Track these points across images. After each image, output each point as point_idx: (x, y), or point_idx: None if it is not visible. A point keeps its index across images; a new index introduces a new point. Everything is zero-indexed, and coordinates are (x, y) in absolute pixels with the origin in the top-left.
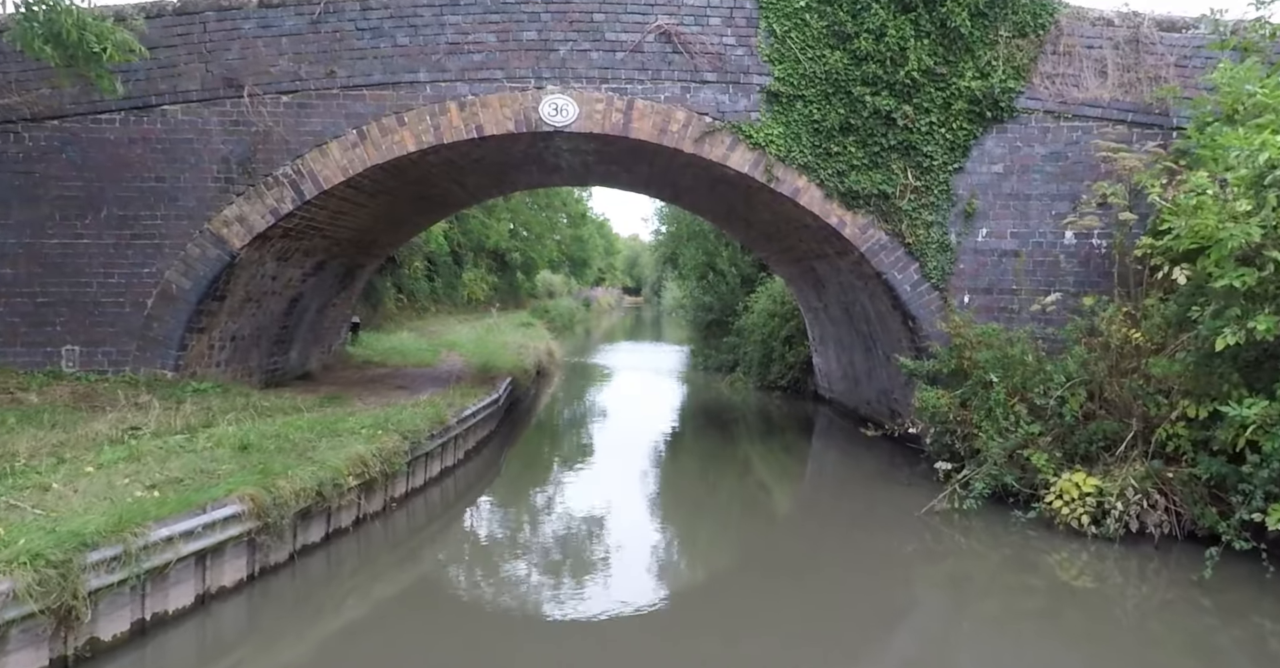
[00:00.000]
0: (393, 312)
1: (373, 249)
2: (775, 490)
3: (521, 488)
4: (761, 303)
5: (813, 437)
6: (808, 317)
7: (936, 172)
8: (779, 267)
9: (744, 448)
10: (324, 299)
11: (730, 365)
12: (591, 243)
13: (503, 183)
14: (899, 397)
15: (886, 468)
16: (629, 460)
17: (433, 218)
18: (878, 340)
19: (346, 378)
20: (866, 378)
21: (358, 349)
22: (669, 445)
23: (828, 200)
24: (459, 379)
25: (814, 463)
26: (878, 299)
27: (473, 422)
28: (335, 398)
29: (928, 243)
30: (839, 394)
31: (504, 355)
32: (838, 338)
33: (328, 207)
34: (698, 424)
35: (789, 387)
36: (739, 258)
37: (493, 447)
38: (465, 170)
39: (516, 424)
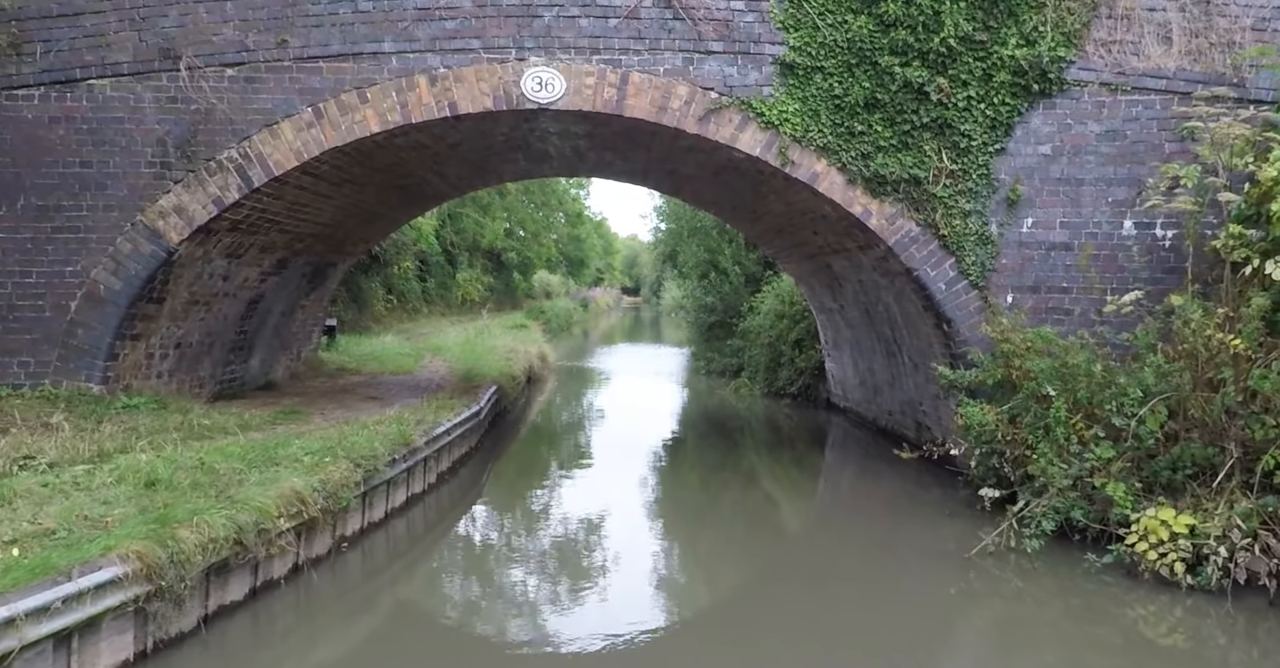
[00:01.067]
0: (381, 313)
1: (344, 246)
2: (787, 518)
3: (504, 513)
4: (768, 303)
5: (826, 449)
6: (820, 318)
7: (975, 153)
8: (789, 264)
9: (749, 459)
10: (290, 301)
11: (734, 370)
12: (589, 242)
13: (487, 173)
14: (928, 409)
15: (913, 488)
16: (624, 478)
17: (411, 212)
18: (903, 346)
19: (315, 388)
20: (889, 387)
21: (332, 355)
22: (668, 460)
23: (850, 187)
24: (439, 388)
25: (828, 483)
26: (905, 299)
27: (447, 440)
28: (293, 412)
29: (965, 235)
30: (855, 403)
31: (491, 361)
32: (855, 342)
33: (283, 196)
34: (700, 434)
35: (799, 394)
36: (743, 255)
37: (474, 465)
38: (442, 157)
39: (503, 437)
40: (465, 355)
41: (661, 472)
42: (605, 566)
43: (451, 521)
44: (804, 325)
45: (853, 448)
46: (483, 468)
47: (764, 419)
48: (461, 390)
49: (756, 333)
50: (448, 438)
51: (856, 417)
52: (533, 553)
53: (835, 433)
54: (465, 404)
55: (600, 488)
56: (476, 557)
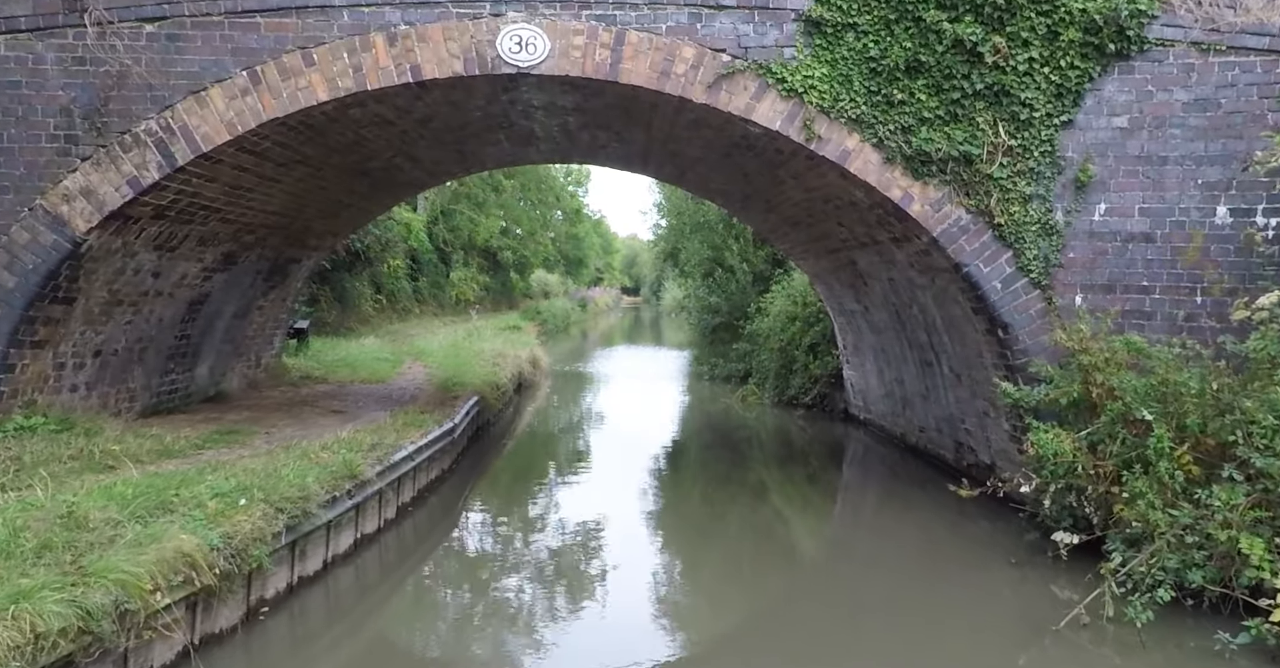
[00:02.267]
0: (369, 314)
1: (306, 240)
2: (803, 549)
3: (477, 553)
4: (778, 304)
5: (844, 465)
6: (839, 321)
7: (1038, 126)
8: (805, 261)
9: (757, 475)
10: (244, 301)
11: (741, 375)
12: (588, 241)
13: (466, 157)
14: (972, 428)
15: (954, 518)
16: (620, 502)
17: (383, 202)
18: (942, 354)
19: (272, 399)
20: (921, 400)
21: (300, 360)
22: (669, 481)
23: (888, 167)
24: (412, 399)
25: (847, 507)
26: (949, 301)
27: (411, 466)
28: (232, 432)
29: (1025, 224)
30: (878, 416)
31: (476, 367)
32: (880, 348)
33: (217, 178)
34: (704, 446)
35: (814, 404)
36: (750, 251)
37: (448, 491)
38: (411, 137)
39: (485, 455)
40: (448, 361)
41: (662, 495)
42: (598, 620)
43: (410, 567)
44: (819, 329)
45: (875, 466)
46: (459, 494)
47: (774, 431)
48: (437, 402)
49: (766, 336)
50: (411, 463)
51: (879, 431)
52: (510, 606)
53: (854, 448)
54: (438, 420)
55: (593, 515)
56: (438, 612)
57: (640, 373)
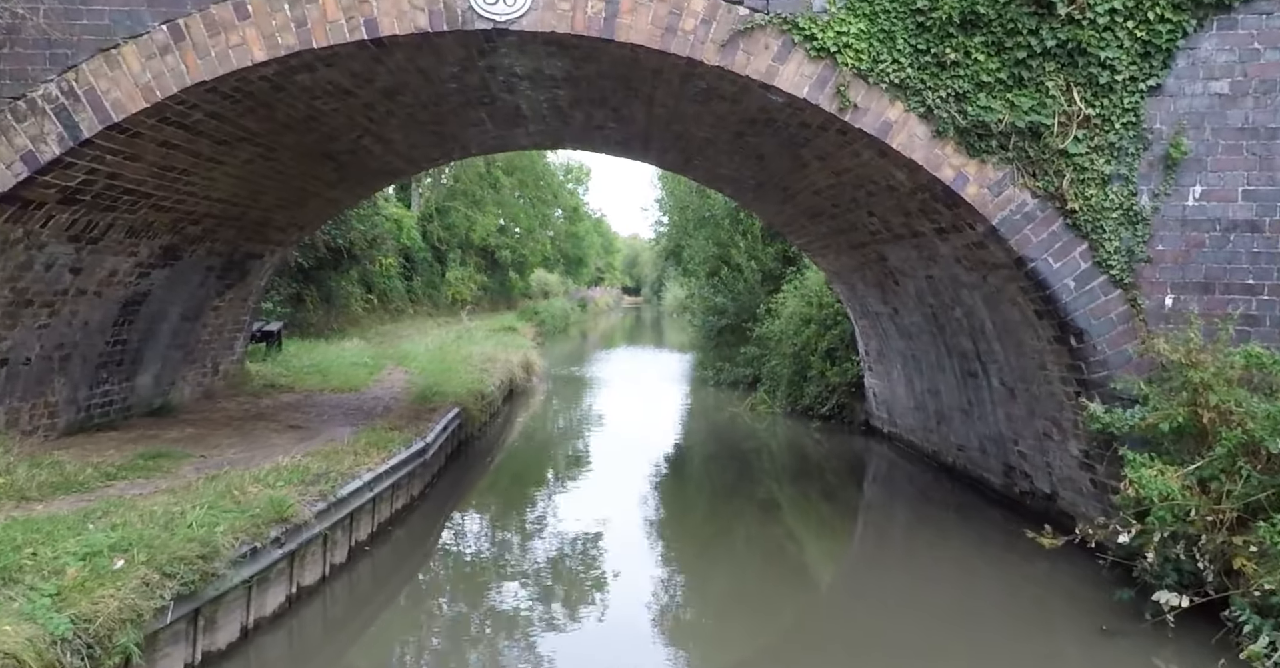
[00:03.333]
0: (358, 315)
1: (267, 233)
2: (818, 578)
3: (451, 597)
4: (791, 305)
5: (864, 483)
6: (860, 324)
7: (1119, 92)
8: (824, 257)
9: (767, 488)
10: (195, 302)
11: (749, 382)
12: (588, 240)
13: (445, 140)
14: (1028, 451)
15: (999, 554)
16: (617, 524)
17: (355, 191)
18: (992, 364)
19: (225, 412)
20: (962, 416)
21: (268, 367)
22: (672, 506)
23: (938, 142)
24: (385, 412)
25: (870, 531)
26: (1004, 302)
27: (367, 499)
28: (160, 456)
29: (1104, 210)
30: (906, 431)
31: (462, 373)
32: (910, 355)
33: (141, 156)
34: (708, 457)
35: (831, 415)
36: (759, 248)
37: (419, 520)
38: (377, 113)
39: (467, 474)
40: (432, 366)
41: (663, 524)
42: None
43: (361, 624)
44: (837, 333)
45: (902, 486)
46: (431, 526)
47: (787, 444)
48: (412, 415)
49: (777, 340)
50: (368, 495)
51: (907, 447)
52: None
53: (877, 464)
54: (406, 439)
55: (585, 542)
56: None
57: (641, 377)
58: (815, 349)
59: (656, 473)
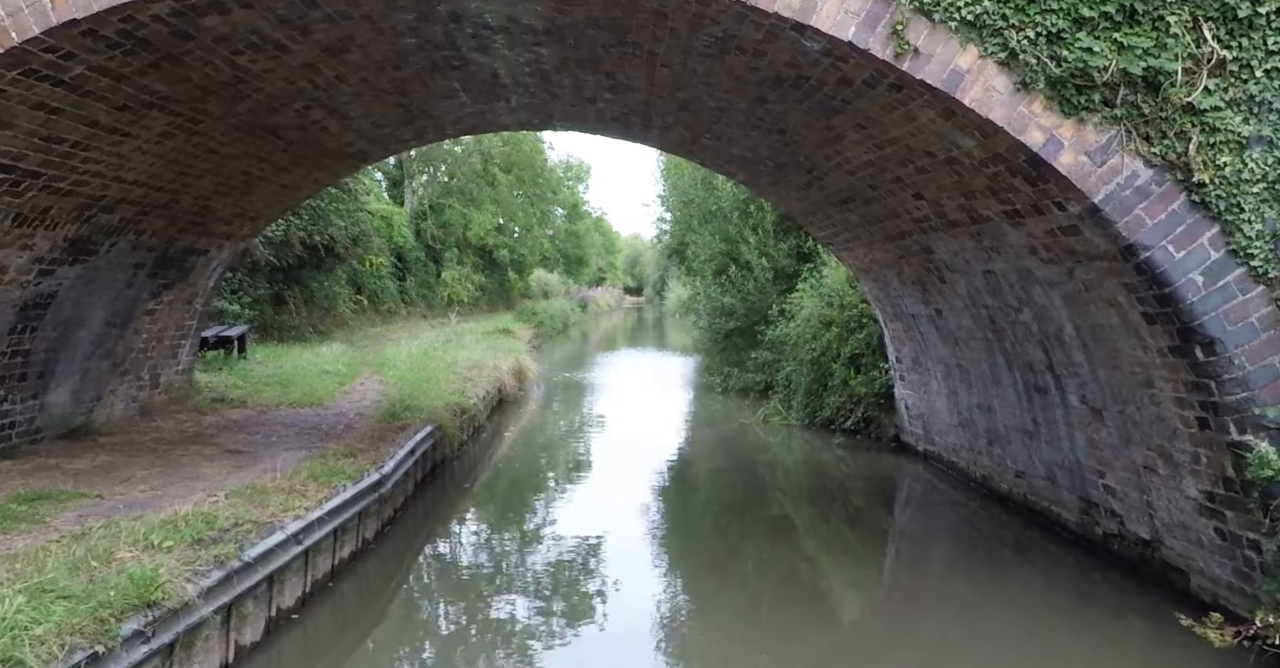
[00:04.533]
0: (346, 317)
1: (209, 224)
2: (839, 606)
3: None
4: (809, 306)
5: (895, 505)
6: (892, 327)
7: (1263, 29)
8: (852, 251)
9: (779, 507)
10: (122, 304)
11: (760, 389)
12: (588, 239)
13: (414, 115)
14: (1119, 486)
15: (1076, 607)
16: (611, 562)
17: (314, 177)
18: (1070, 377)
19: (157, 434)
20: (1024, 437)
21: (223, 377)
22: (677, 541)
23: (1022, 96)
24: (346, 431)
25: (903, 562)
26: (1096, 301)
27: (292, 555)
28: (40, 498)
29: (1243, 182)
30: (946, 450)
31: (443, 382)
32: (955, 364)
33: (12, 122)
34: (718, 484)
35: (856, 429)
36: (770, 244)
37: (371, 571)
38: (323, 75)
39: (438, 505)
40: (411, 375)
41: (665, 539)
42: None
43: None
44: (862, 337)
45: (943, 513)
46: (386, 577)
47: (804, 460)
48: (375, 436)
49: (794, 344)
50: (294, 550)
51: (947, 468)
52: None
53: (910, 487)
54: (354, 473)
55: (575, 583)
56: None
57: (642, 383)
58: (837, 355)
59: (657, 490)
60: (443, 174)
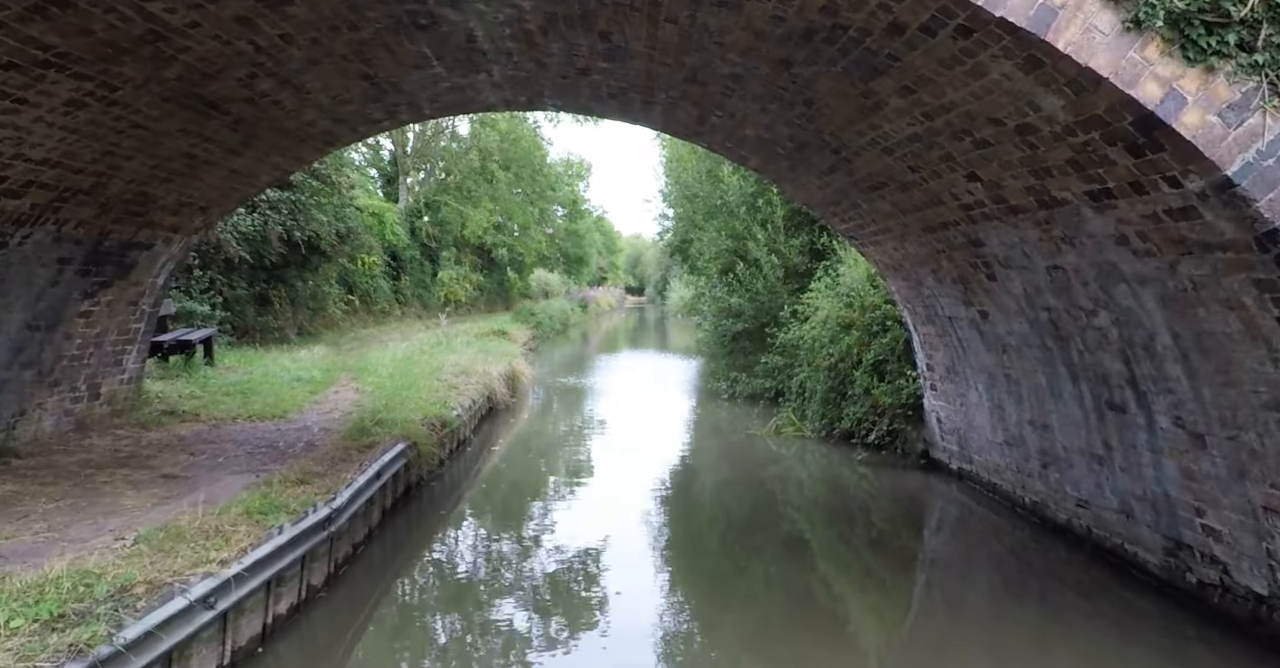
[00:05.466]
0: (336, 318)
1: (151, 213)
2: (858, 633)
3: None
4: (826, 307)
5: (924, 529)
6: (922, 331)
7: None
8: (880, 245)
9: (793, 527)
10: (48, 305)
11: (770, 396)
12: (589, 238)
13: (382, 88)
14: (1224, 528)
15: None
16: (606, 603)
17: (271, 160)
18: (1160, 394)
19: (85, 454)
20: (1091, 462)
21: (179, 386)
22: (674, 553)
23: (1133, 38)
24: (307, 449)
25: (935, 593)
26: (1208, 301)
27: (198, 625)
28: None
29: None
30: (987, 470)
31: (425, 391)
32: (1002, 373)
33: None
34: (720, 491)
35: (880, 443)
36: (781, 240)
37: (317, 627)
38: (265, 34)
39: (409, 536)
40: (392, 382)
41: (669, 581)
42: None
43: None
44: (886, 341)
45: (983, 540)
46: (337, 632)
47: (821, 476)
48: (337, 457)
49: (809, 349)
50: (203, 617)
51: (987, 490)
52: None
53: (942, 509)
54: (305, 503)
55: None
56: None
57: (643, 387)
58: (858, 362)
59: (658, 502)
60: (439, 171)
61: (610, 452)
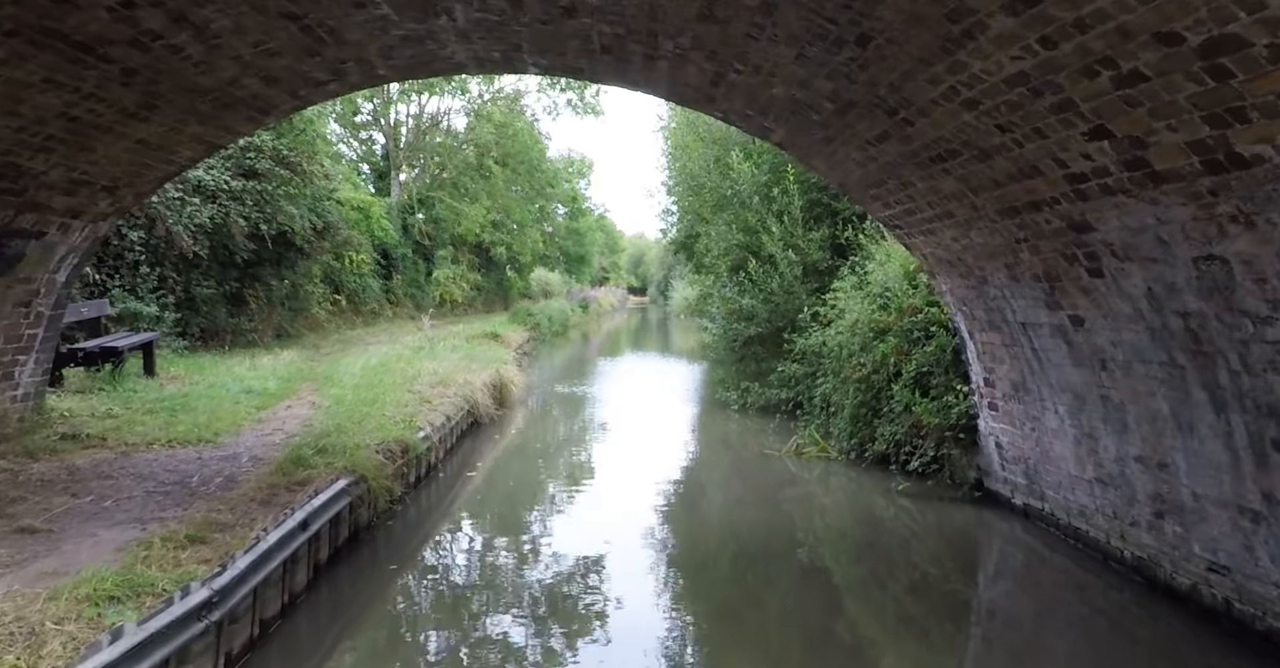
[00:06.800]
0: (320, 319)
1: (37, 195)
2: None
3: None
4: (855, 309)
5: (979, 573)
6: (983, 339)
7: None
8: (936, 234)
9: (818, 567)
10: None
11: (788, 408)
12: (590, 237)
13: (320, 41)
14: None
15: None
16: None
17: (185, 129)
18: None
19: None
20: (1241, 517)
21: (93, 402)
22: (679, 577)
23: None
24: (226, 486)
25: (1001, 653)
26: None
27: None
28: None
29: None
30: (1068, 510)
31: (392, 405)
32: (1094, 394)
33: None
34: (732, 514)
35: (924, 469)
36: (799, 234)
37: None
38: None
39: (343, 603)
40: (356, 395)
41: (673, 607)
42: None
43: None
44: (931, 350)
45: (1062, 599)
46: None
47: (850, 506)
48: (263, 496)
49: (835, 357)
50: None
51: (1068, 535)
52: None
53: (1002, 551)
54: (176, 582)
55: None
56: None
57: (644, 395)
58: (896, 373)
59: (660, 539)
60: (434, 166)
61: (606, 472)
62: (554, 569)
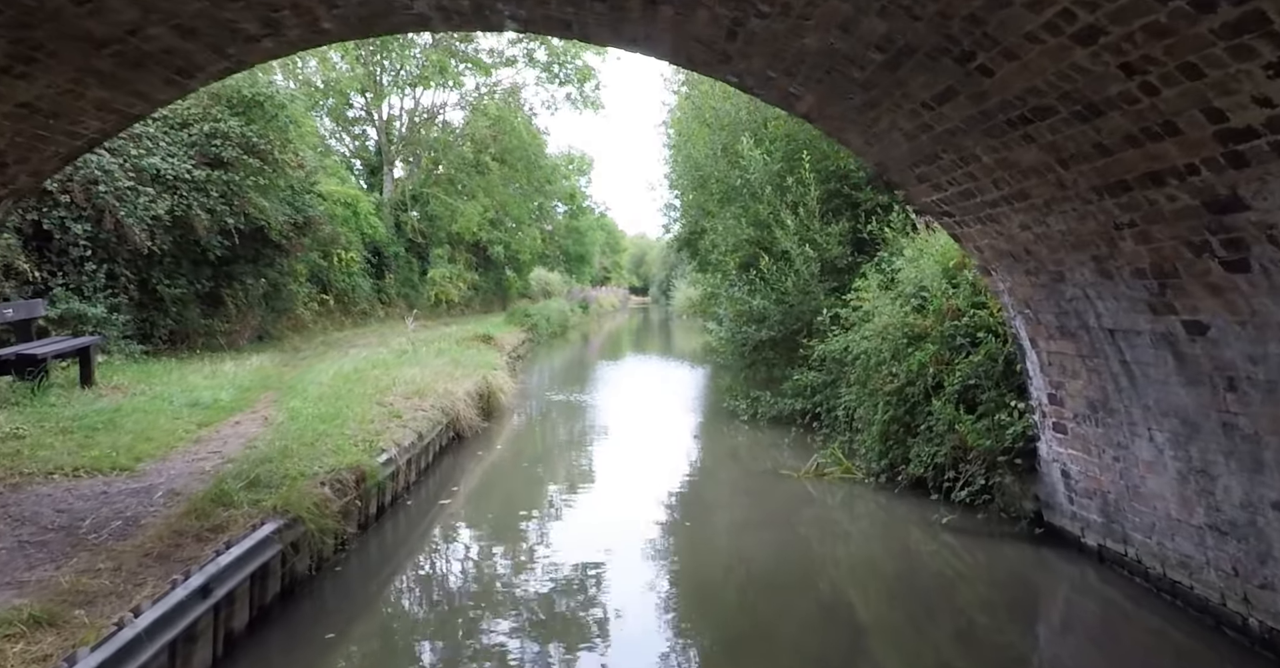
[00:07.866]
0: (306, 320)
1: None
2: None
3: None
4: (886, 311)
5: (1039, 625)
6: (1049, 347)
7: None
8: (1000, 221)
9: (841, 603)
10: None
11: (804, 419)
12: (590, 236)
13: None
14: None
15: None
16: None
17: (85, 88)
18: None
19: None
20: None
21: (17, 418)
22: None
23: None
24: (126, 530)
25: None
26: None
27: None
28: None
29: None
30: (1161, 558)
31: (356, 420)
32: (1210, 422)
33: None
34: (740, 548)
35: (975, 501)
36: (816, 228)
37: None
38: None
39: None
40: (318, 408)
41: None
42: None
43: None
44: (978, 360)
45: (1154, 664)
46: None
47: (880, 537)
48: (161, 549)
49: (861, 365)
50: None
51: (1160, 587)
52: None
53: (1071, 602)
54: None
55: None
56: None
57: (646, 403)
58: (936, 385)
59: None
60: (428, 161)
61: (600, 491)
62: (536, 625)
